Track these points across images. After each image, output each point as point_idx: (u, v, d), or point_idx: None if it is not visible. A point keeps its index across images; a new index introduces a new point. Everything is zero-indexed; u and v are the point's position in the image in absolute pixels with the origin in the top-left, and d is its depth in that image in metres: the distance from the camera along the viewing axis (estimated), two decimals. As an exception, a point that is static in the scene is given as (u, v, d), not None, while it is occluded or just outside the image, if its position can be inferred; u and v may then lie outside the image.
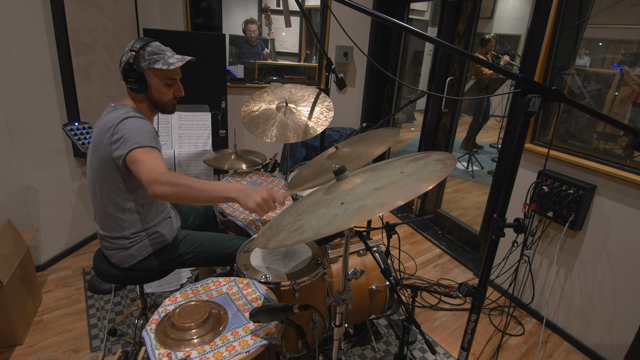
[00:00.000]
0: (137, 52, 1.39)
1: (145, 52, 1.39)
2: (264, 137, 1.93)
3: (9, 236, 2.00)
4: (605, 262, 1.92)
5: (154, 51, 1.41)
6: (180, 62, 1.43)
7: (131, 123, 1.35)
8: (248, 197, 1.18)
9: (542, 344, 2.11)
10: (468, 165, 4.68)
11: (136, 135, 1.31)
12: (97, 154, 1.39)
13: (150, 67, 1.40)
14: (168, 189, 1.20)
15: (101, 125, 1.39)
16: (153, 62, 1.40)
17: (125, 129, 1.33)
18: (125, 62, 1.40)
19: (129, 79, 1.41)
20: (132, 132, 1.32)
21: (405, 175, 0.94)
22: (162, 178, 1.21)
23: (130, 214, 1.47)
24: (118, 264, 1.52)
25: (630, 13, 2.03)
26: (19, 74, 2.13)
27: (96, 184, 1.43)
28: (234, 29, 3.95)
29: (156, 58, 1.41)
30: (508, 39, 6.44)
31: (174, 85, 1.49)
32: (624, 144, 2.05)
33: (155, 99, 1.47)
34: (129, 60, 1.39)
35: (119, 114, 1.38)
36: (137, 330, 1.87)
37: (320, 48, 4.09)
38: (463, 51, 0.98)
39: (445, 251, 2.98)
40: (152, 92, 1.45)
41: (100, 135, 1.37)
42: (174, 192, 1.20)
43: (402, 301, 1.46)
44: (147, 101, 1.48)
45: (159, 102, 1.48)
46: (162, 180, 1.20)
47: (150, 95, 1.46)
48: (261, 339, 1.10)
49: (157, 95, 1.46)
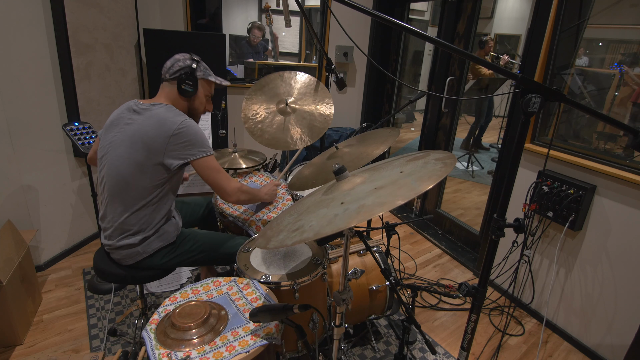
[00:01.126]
0: (198, 62, 1.56)
1: (202, 65, 1.58)
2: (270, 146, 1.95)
3: (9, 236, 2.00)
4: (605, 262, 1.92)
5: (207, 67, 1.62)
6: (226, 82, 1.68)
7: (193, 127, 1.46)
8: (272, 194, 1.83)
9: (542, 344, 2.11)
10: (468, 165, 4.68)
11: (203, 141, 1.47)
12: (143, 147, 1.41)
13: (204, 77, 1.58)
14: (244, 197, 1.59)
15: (156, 121, 1.43)
16: (208, 75, 1.59)
17: (189, 133, 1.43)
18: (187, 67, 1.52)
19: (187, 82, 1.52)
20: (198, 137, 1.45)
21: (405, 174, 0.94)
22: (241, 187, 1.58)
23: (150, 208, 1.49)
24: (121, 260, 1.53)
25: (630, 13, 2.03)
26: (19, 74, 2.13)
27: (132, 177, 1.43)
28: (234, 29, 3.95)
29: (209, 73, 1.61)
30: (508, 39, 6.44)
31: (209, 100, 1.67)
32: (624, 144, 2.05)
33: (195, 106, 1.60)
34: (192, 66, 1.52)
35: (177, 114, 1.46)
36: (137, 330, 1.87)
37: (320, 48, 4.09)
38: (463, 51, 0.98)
39: (445, 251, 2.98)
40: (196, 99, 1.59)
41: (155, 130, 1.41)
42: (245, 199, 1.62)
43: (402, 301, 1.45)
44: (187, 106, 1.59)
45: (196, 110, 1.61)
46: (241, 189, 1.57)
47: (192, 101, 1.58)
48: (261, 339, 1.10)
49: (198, 104, 1.61)
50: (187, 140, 1.43)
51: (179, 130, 1.41)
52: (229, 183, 1.52)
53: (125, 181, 1.44)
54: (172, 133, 1.40)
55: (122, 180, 1.44)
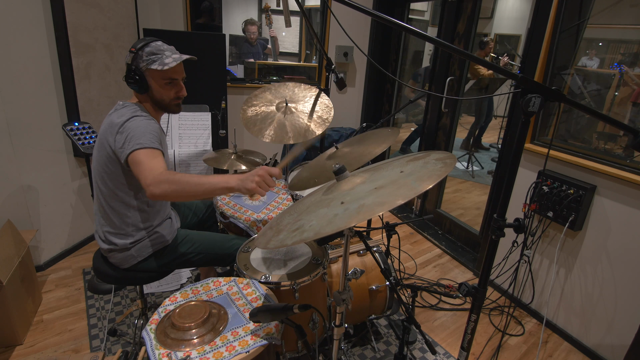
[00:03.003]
0: (136, 53, 1.38)
1: (144, 53, 1.38)
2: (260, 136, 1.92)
3: (9, 236, 2.00)
4: (605, 262, 1.92)
5: (152, 51, 1.40)
6: (176, 61, 1.40)
7: (136, 123, 1.35)
8: (246, 181, 1.20)
9: (542, 344, 2.11)
10: (468, 165, 4.68)
11: (140, 136, 1.31)
12: (103, 150, 1.39)
13: (148, 67, 1.39)
14: (167, 187, 1.19)
15: (108, 122, 1.40)
16: (150, 63, 1.39)
17: (130, 129, 1.33)
18: (127, 64, 1.40)
19: (129, 80, 1.41)
20: (137, 132, 1.32)
21: (405, 174, 0.94)
22: (160, 177, 1.20)
23: (134, 212, 1.47)
24: (118, 264, 1.52)
25: (630, 13, 2.03)
26: (19, 74, 2.13)
27: (103, 179, 1.43)
28: (234, 29, 3.95)
29: (153, 58, 1.39)
30: (508, 39, 6.44)
31: (175, 86, 1.47)
32: (624, 144, 2.05)
33: (157, 99, 1.47)
34: (127, 61, 1.40)
35: (126, 112, 1.38)
36: (137, 330, 1.87)
37: (320, 48, 4.09)
38: (463, 51, 0.98)
39: (445, 251, 2.98)
40: (153, 92, 1.45)
41: (107, 132, 1.38)
42: (173, 189, 1.20)
43: (402, 301, 1.45)
44: (150, 101, 1.48)
45: (161, 102, 1.48)
46: (160, 179, 1.20)
47: (152, 95, 1.46)
48: (261, 339, 1.10)
49: (159, 96, 1.46)
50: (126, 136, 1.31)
51: (121, 128, 1.34)
52: (149, 173, 1.22)
53: (101, 183, 1.44)
54: (116, 131, 1.34)
55: (100, 182, 1.44)
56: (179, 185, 1.20)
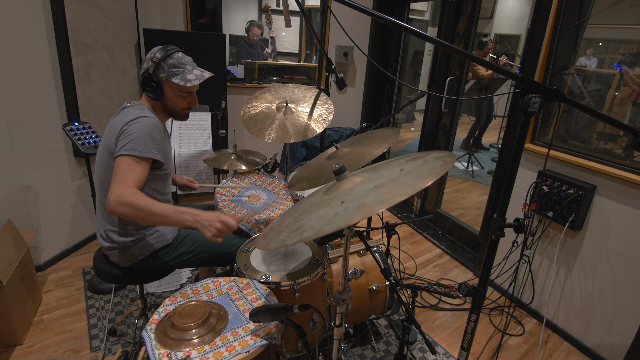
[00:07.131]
0: (158, 64, 1.41)
1: (166, 64, 1.42)
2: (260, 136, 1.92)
3: (9, 236, 2.00)
4: (605, 262, 1.92)
5: (175, 64, 1.43)
6: (199, 80, 1.46)
7: (141, 126, 1.35)
8: (207, 227, 1.25)
9: (542, 344, 2.11)
10: (468, 165, 4.68)
11: (138, 142, 1.32)
12: (106, 148, 1.41)
13: (168, 79, 1.43)
14: (127, 211, 1.22)
15: (115, 122, 1.41)
16: (172, 75, 1.43)
17: (134, 131, 1.34)
18: (145, 71, 1.43)
19: (147, 87, 1.44)
20: (137, 136, 1.33)
21: (405, 173, 0.94)
22: (123, 200, 1.21)
23: None
24: (118, 263, 1.53)
25: (630, 13, 2.03)
26: (19, 74, 2.13)
27: (105, 177, 1.44)
28: (234, 29, 3.95)
29: (175, 72, 1.43)
30: (508, 39, 6.44)
31: (190, 97, 1.53)
32: (624, 144, 2.05)
33: (169, 107, 1.51)
34: (149, 70, 1.42)
35: (134, 112, 1.40)
36: (137, 330, 1.87)
37: (320, 48, 4.09)
38: (463, 51, 0.98)
39: (445, 251, 2.98)
40: (167, 101, 1.49)
41: (112, 131, 1.39)
42: (134, 215, 1.23)
43: (402, 301, 1.45)
44: (162, 107, 1.52)
45: (171, 110, 1.52)
46: (123, 201, 1.21)
47: (164, 103, 1.50)
48: (261, 339, 1.10)
49: (172, 105, 1.50)
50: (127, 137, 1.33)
51: (125, 127, 1.35)
52: (118, 189, 1.24)
53: (99, 181, 1.46)
54: (121, 130, 1.35)
55: (104, 179, 1.45)
56: (140, 212, 1.22)
